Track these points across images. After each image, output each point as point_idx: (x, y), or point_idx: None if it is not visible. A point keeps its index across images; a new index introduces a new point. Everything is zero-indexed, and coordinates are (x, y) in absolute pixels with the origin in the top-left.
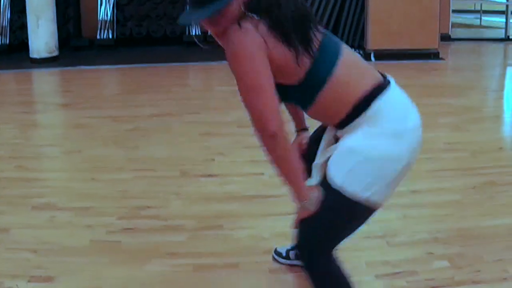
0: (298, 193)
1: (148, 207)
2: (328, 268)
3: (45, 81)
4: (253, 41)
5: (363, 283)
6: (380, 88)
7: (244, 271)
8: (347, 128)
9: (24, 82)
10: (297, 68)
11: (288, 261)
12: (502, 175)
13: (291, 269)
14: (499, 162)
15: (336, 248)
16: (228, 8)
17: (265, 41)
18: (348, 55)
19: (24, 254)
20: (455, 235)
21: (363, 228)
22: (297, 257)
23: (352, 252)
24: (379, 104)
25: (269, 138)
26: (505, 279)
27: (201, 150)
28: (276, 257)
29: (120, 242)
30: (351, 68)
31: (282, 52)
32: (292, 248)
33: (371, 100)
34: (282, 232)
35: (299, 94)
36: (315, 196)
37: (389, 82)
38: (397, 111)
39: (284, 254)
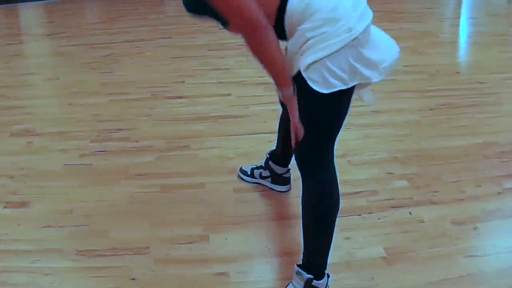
0: (283, 81)
1: (120, 129)
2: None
3: (30, 14)
4: None
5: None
6: None
7: (210, 191)
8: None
9: (10, 15)
10: None
11: (253, 179)
12: (459, 98)
13: (255, 188)
14: (456, 85)
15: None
16: None
17: None
18: None
19: (1, 181)
20: (414, 155)
21: None
22: (261, 176)
23: None
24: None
25: (251, 28)
26: (461, 200)
27: (172, 72)
28: (241, 175)
29: (92, 165)
30: None
31: None
32: (257, 167)
33: None
34: (247, 151)
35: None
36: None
37: None
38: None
39: (249, 173)
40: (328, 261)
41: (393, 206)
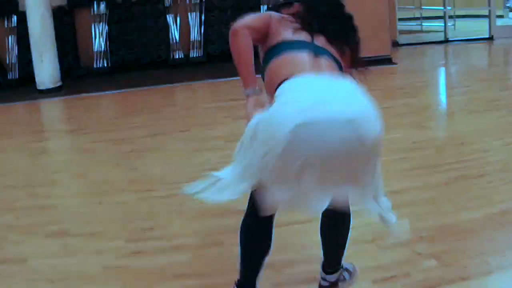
0: (244, 80)
1: (152, 228)
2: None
3: (51, 110)
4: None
5: None
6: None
7: None
8: None
9: (33, 112)
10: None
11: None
12: (468, 169)
13: (294, 283)
14: (463, 157)
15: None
16: None
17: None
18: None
19: (42, 285)
20: (437, 232)
21: (354, 234)
22: None
23: (346, 259)
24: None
25: (232, 31)
26: (489, 272)
27: (194, 166)
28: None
29: (129, 267)
30: (287, 63)
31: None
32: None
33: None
34: (281, 243)
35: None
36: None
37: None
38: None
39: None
40: None
41: (427, 287)
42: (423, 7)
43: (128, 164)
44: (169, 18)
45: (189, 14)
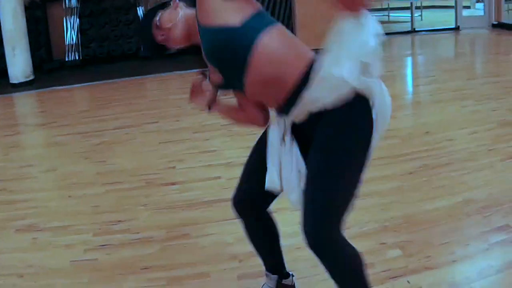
0: None
1: (120, 221)
2: (344, 245)
3: (23, 103)
4: None
5: (326, 281)
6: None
7: (214, 280)
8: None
9: (6, 106)
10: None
11: None
12: (433, 158)
13: (257, 274)
14: (427, 146)
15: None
16: None
17: None
18: (282, 29)
19: (12, 280)
20: (402, 222)
21: None
22: None
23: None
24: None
25: None
26: (454, 261)
27: (162, 158)
28: None
29: (97, 260)
30: (285, 37)
31: None
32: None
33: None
34: (244, 235)
35: (237, 43)
36: None
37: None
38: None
39: None
40: None
41: (392, 277)
42: None
43: (97, 157)
44: (140, 11)
45: None
